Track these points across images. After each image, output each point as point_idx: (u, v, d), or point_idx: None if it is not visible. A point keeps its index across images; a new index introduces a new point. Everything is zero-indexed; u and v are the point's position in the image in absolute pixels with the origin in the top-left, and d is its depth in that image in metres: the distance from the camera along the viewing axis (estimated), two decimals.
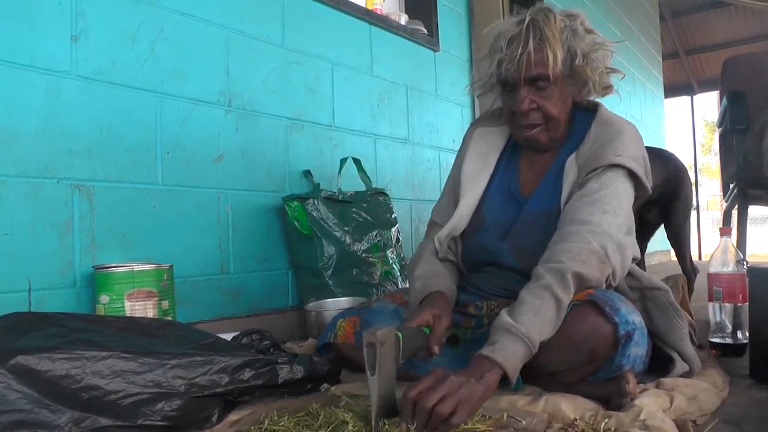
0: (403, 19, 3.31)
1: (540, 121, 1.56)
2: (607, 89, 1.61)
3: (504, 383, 1.22)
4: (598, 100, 1.66)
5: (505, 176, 1.69)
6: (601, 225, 1.39)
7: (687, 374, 1.50)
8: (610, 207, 1.43)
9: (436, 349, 1.35)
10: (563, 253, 1.34)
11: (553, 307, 1.28)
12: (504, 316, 1.26)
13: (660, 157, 3.14)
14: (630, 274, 1.55)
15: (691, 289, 3.01)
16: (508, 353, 1.20)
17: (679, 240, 3.06)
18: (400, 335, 1.24)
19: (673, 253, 3.44)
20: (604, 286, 1.41)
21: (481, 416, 1.18)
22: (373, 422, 1.16)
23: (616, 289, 1.49)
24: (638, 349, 1.34)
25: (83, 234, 1.87)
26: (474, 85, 1.70)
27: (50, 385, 1.10)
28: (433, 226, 1.73)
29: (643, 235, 3.38)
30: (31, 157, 1.77)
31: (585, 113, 1.64)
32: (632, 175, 1.50)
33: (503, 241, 1.58)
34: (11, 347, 1.12)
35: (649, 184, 1.54)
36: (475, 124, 1.80)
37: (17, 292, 1.72)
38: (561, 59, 1.49)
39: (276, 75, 2.52)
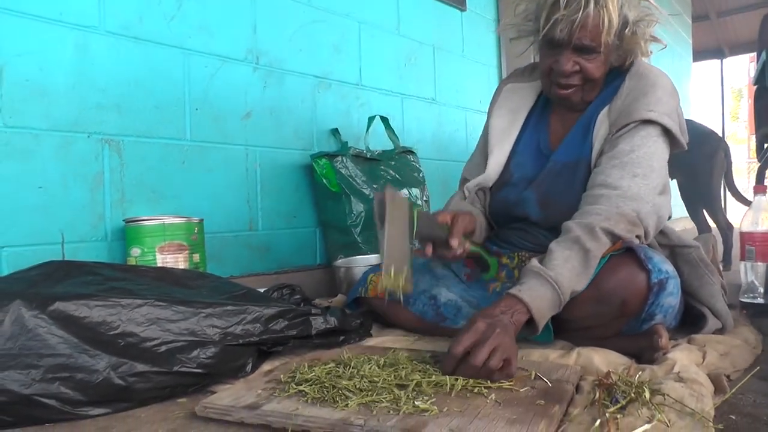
0: None
1: (578, 82, 1.52)
2: (644, 55, 1.58)
3: (530, 328, 1.21)
4: None
5: (534, 133, 1.67)
6: (631, 189, 1.37)
7: (719, 331, 1.49)
8: (640, 170, 1.40)
9: (454, 242, 1.38)
10: (592, 215, 1.33)
11: (581, 257, 1.27)
12: (534, 261, 1.27)
13: None
14: (661, 231, 1.53)
15: (730, 245, 3.04)
16: (535, 294, 1.20)
17: (708, 200, 3.16)
18: (415, 208, 1.32)
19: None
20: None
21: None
22: (383, 270, 1.24)
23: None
24: (672, 299, 1.32)
25: (113, 188, 1.88)
26: (508, 27, 1.63)
27: (88, 330, 1.11)
28: (464, 182, 1.73)
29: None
30: (62, 111, 1.78)
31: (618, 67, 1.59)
32: (666, 132, 1.47)
33: (527, 190, 1.57)
34: (50, 293, 1.13)
35: (684, 139, 1.50)
36: (506, 80, 1.78)
37: (51, 245, 1.74)
38: (615, 28, 1.44)
39: (303, 33, 2.49)
